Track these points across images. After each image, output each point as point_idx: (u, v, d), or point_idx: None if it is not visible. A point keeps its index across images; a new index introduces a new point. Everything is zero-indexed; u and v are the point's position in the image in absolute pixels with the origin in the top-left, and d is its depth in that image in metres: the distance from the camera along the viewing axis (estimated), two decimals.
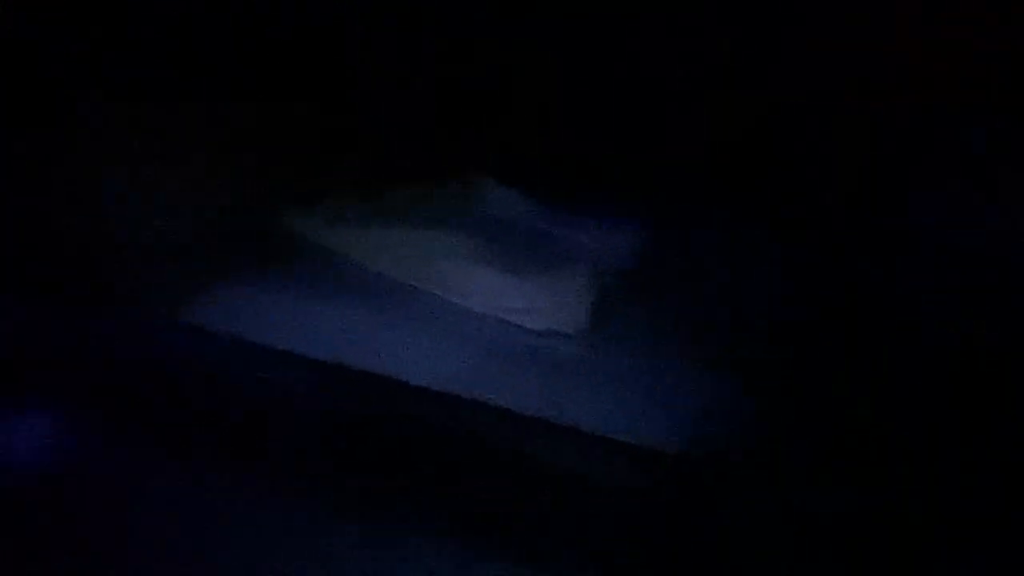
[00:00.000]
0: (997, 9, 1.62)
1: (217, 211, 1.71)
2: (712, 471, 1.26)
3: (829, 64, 1.78)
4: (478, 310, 1.55)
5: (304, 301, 1.56)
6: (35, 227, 1.41)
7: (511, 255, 1.71)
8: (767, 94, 1.91)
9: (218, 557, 1.11)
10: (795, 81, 1.84)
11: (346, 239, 1.77)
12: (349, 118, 2.13)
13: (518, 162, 2.19)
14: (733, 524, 1.15)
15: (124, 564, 1.09)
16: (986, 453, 1.20)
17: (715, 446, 1.27)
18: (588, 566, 1.09)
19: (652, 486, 1.28)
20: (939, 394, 1.32)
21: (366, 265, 1.72)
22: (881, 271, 1.60)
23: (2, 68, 1.32)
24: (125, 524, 1.15)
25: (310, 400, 1.40)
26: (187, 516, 1.16)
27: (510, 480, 1.29)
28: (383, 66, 2.20)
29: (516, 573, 1.08)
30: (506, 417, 1.31)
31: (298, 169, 1.94)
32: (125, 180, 1.49)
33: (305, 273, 1.67)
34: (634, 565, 1.10)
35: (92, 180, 1.45)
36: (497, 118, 2.32)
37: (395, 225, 1.82)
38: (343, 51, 2.07)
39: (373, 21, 2.09)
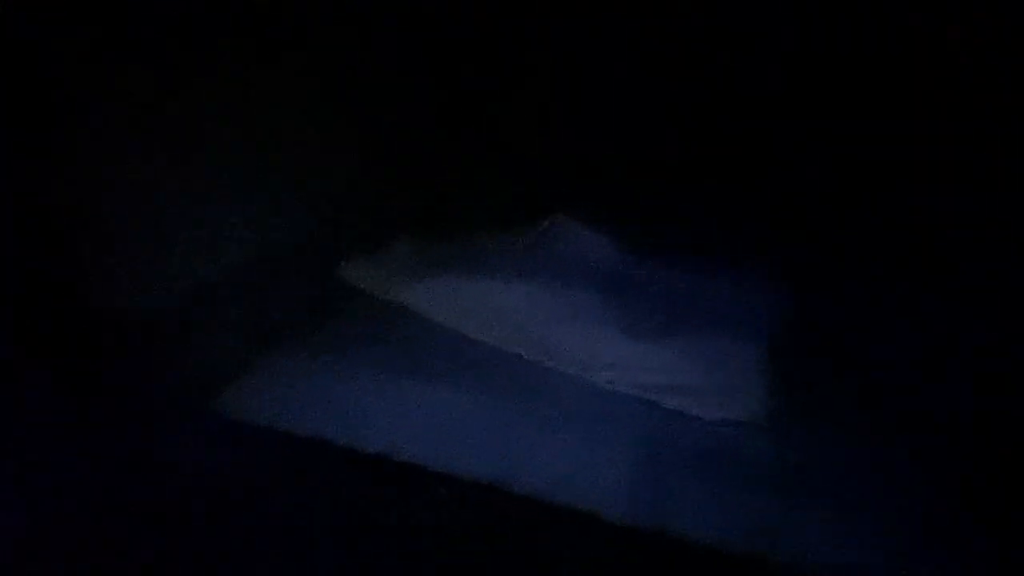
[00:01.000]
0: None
1: (259, 258, 1.33)
2: None
3: None
4: (616, 389, 1.16)
5: (378, 380, 1.16)
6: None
7: (632, 314, 1.33)
8: None
9: None
10: None
11: (419, 294, 1.39)
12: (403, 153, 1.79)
13: (600, 200, 1.84)
14: None
15: None
16: None
17: None
18: None
19: None
20: None
21: (449, 327, 1.33)
22: None
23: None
24: None
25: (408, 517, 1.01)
26: None
27: None
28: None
29: None
30: (687, 554, 0.92)
31: (354, 211, 1.58)
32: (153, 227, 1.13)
33: (372, 340, 1.28)
34: None
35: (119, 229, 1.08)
36: (577, 146, 1.97)
37: (476, 276, 1.44)
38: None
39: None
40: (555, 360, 1.23)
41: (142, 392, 1.08)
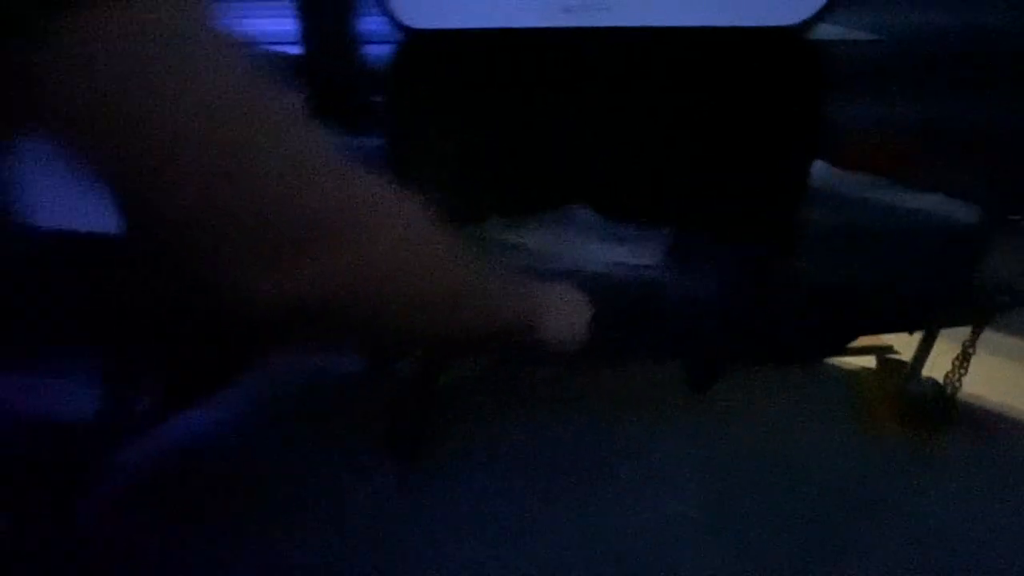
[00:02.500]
0: None
1: None
2: None
3: None
4: (603, 260, 2.74)
5: None
6: None
7: (612, 240, 2.92)
8: None
9: None
10: None
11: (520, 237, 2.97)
12: None
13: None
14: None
15: None
16: None
17: None
18: None
19: None
20: None
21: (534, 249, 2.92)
22: None
23: None
24: None
25: None
26: None
27: None
28: None
29: None
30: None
31: None
32: None
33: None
34: None
35: None
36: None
37: (540, 229, 3.02)
38: None
39: None
40: (580, 255, 2.79)
41: None
